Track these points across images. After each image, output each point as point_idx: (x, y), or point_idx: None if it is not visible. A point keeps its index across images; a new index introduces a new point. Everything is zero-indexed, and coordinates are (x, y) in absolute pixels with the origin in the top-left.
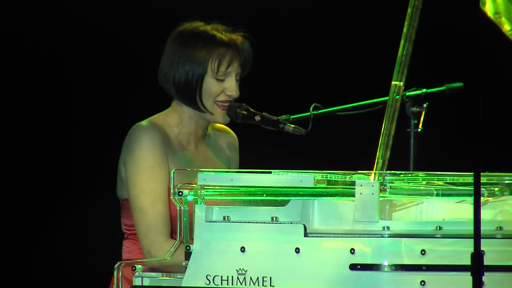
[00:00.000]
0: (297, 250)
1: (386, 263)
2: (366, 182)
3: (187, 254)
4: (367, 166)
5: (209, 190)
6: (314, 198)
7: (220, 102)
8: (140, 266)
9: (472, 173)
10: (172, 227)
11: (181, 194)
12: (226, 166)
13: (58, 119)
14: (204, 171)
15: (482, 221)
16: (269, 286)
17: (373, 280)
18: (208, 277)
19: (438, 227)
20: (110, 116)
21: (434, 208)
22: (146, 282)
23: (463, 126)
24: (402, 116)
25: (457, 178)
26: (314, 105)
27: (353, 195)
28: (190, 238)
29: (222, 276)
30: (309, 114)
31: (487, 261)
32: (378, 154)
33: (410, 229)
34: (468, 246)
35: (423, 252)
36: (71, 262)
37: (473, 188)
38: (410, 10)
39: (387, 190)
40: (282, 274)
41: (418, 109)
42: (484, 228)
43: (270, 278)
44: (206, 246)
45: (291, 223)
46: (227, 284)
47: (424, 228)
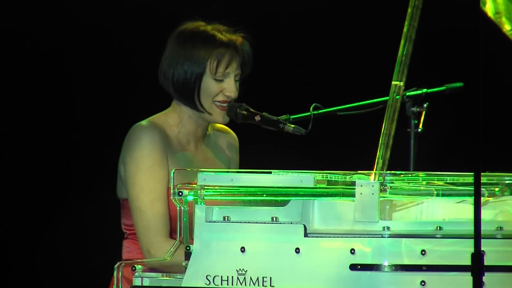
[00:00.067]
0: (297, 250)
1: (386, 263)
2: (366, 182)
3: (187, 254)
4: (367, 166)
5: (209, 190)
6: (314, 198)
7: (218, 102)
8: (140, 266)
9: (472, 173)
10: (172, 227)
11: (181, 194)
12: (226, 166)
13: (58, 119)
14: (204, 171)
15: (482, 221)
16: (269, 286)
17: (373, 280)
18: (208, 277)
19: (438, 227)
20: (110, 116)
21: (434, 208)
22: (146, 282)
23: (464, 126)
24: (402, 116)
25: (457, 178)
26: (314, 105)
27: (353, 195)
28: (190, 238)
29: (222, 276)
30: (309, 114)
31: (488, 261)
32: (378, 154)
33: (410, 229)
34: (468, 246)
35: (423, 252)
36: (71, 262)
37: (473, 188)
38: (410, 10)
39: (387, 190)
40: (282, 274)
41: (418, 109)
42: (484, 228)
43: (270, 278)
44: (206, 246)
45: (291, 223)
46: (227, 284)
47: (424, 228)
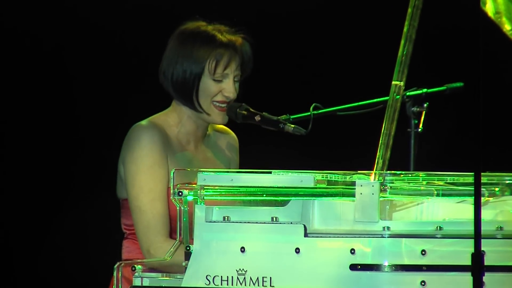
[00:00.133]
0: (297, 250)
1: (386, 263)
2: (366, 182)
3: (187, 254)
4: (367, 166)
5: (209, 190)
6: (314, 198)
7: (217, 103)
8: (140, 266)
9: (472, 173)
10: (172, 227)
11: (181, 194)
12: (226, 166)
13: (58, 119)
14: (204, 171)
15: (482, 221)
16: (269, 287)
17: (373, 280)
18: (208, 277)
19: (438, 227)
20: (111, 116)
21: (435, 208)
22: (146, 283)
23: (464, 126)
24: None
25: (457, 178)
26: (314, 105)
27: (353, 195)
28: (190, 238)
29: (222, 276)
30: (309, 114)
31: (488, 261)
32: (378, 154)
33: (411, 229)
34: (468, 246)
35: (424, 252)
36: (71, 262)
37: (473, 188)
38: (410, 10)
39: (387, 190)
40: (282, 275)
41: (418, 109)
42: (484, 228)
43: (270, 278)
44: (206, 246)
45: (291, 223)
46: (227, 284)
47: (424, 228)
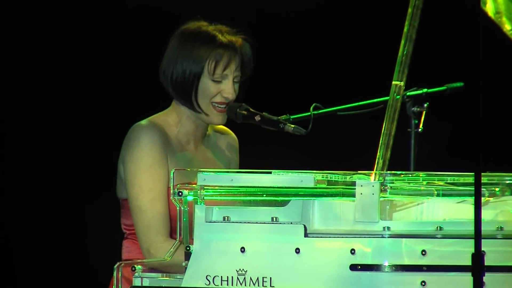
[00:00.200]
0: (297, 251)
1: (386, 264)
2: (367, 182)
3: (187, 255)
4: (368, 166)
5: (209, 190)
6: (314, 198)
7: (216, 104)
8: (139, 266)
9: (472, 173)
10: (172, 227)
11: (181, 194)
12: (226, 167)
13: (58, 119)
14: (204, 171)
15: (482, 221)
16: (269, 287)
17: (373, 280)
18: (208, 277)
19: (438, 228)
20: (110, 116)
21: (435, 208)
22: (146, 283)
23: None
24: (403, 116)
25: (457, 178)
26: (314, 105)
27: (353, 195)
28: (190, 238)
29: (222, 276)
30: (309, 114)
31: (488, 261)
32: (378, 154)
33: (411, 229)
34: (468, 246)
35: (424, 252)
36: (71, 262)
37: (473, 188)
38: (410, 10)
39: (388, 190)
40: (282, 275)
41: (418, 109)
42: (484, 228)
43: (270, 278)
44: (206, 246)
45: (291, 224)
46: (227, 284)
47: (424, 228)
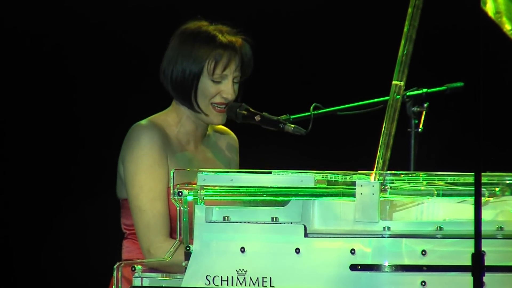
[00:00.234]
0: (297, 251)
1: (386, 264)
2: (367, 182)
3: (187, 255)
4: (368, 166)
5: (209, 190)
6: (314, 198)
7: (215, 104)
8: (139, 266)
9: (473, 173)
10: (172, 227)
11: (180, 194)
12: (226, 167)
13: (58, 119)
14: (204, 171)
15: (483, 221)
16: (269, 287)
17: (373, 280)
18: (208, 277)
19: (438, 228)
20: (110, 116)
21: (435, 208)
22: (146, 283)
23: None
24: (403, 116)
25: (457, 178)
26: (314, 105)
27: (353, 195)
28: (190, 238)
29: (222, 276)
30: (309, 114)
31: (488, 261)
32: (378, 154)
33: (411, 229)
34: (468, 246)
35: (424, 252)
36: (71, 262)
37: (474, 188)
38: (410, 9)
39: (388, 190)
40: (282, 275)
41: (418, 109)
42: (484, 228)
43: (270, 278)
44: (206, 246)
45: (291, 224)
46: (227, 284)
47: (424, 228)
